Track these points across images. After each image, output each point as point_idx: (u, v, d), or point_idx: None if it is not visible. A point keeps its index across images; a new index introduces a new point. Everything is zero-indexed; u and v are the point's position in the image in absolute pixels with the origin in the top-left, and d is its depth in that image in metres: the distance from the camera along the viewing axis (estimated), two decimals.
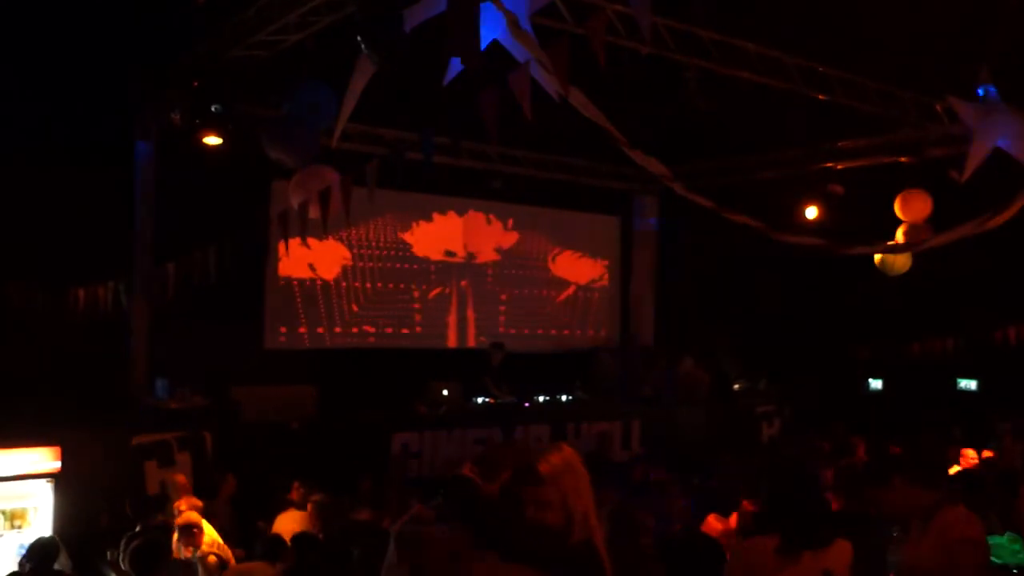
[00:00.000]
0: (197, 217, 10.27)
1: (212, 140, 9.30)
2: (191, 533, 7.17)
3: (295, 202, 7.96)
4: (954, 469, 9.64)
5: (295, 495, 8.38)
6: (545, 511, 2.74)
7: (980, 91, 9.03)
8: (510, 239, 15.26)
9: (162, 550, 6.46)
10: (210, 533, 7.39)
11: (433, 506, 3.33)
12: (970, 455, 9.93)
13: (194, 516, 7.35)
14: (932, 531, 4.28)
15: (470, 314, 14.72)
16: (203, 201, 10.45)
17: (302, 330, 12.89)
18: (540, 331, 15.41)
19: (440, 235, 14.45)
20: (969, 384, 14.35)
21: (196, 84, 9.03)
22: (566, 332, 15.69)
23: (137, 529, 7.22)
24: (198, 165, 9.92)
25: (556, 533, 2.74)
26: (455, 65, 6.18)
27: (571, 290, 15.96)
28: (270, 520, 8.22)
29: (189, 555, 7.09)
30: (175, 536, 7.22)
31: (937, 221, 10.65)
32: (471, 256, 14.78)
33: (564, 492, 2.76)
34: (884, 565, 5.35)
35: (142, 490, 9.11)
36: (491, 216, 15.02)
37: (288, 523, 7.95)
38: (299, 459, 9.58)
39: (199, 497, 8.35)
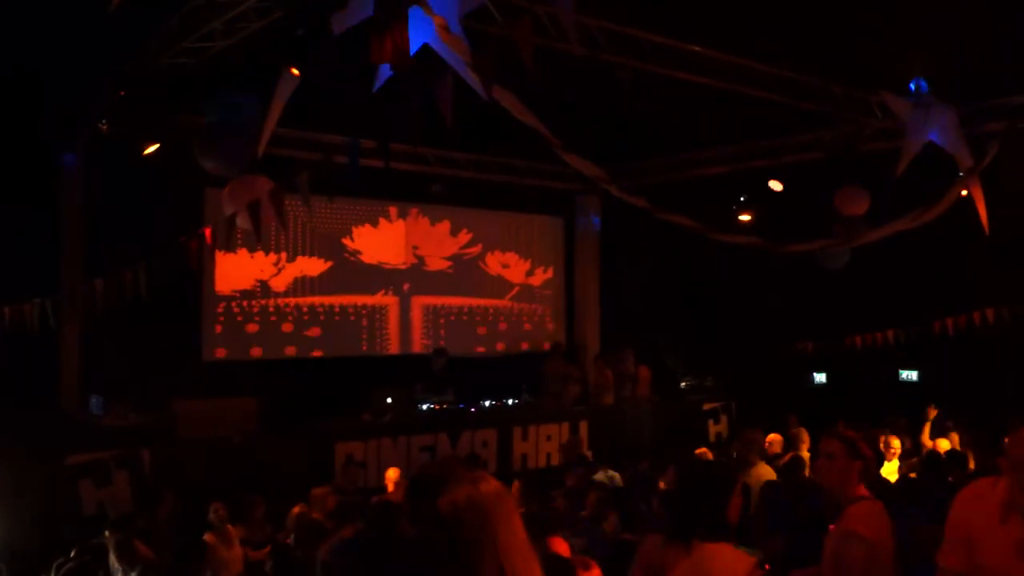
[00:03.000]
0: (128, 229, 10.06)
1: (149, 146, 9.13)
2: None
3: (227, 213, 7.80)
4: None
5: (213, 517, 8.19)
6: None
7: (912, 86, 9.12)
8: (454, 242, 15.16)
9: (94, 573, 6.31)
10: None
11: (354, 532, 3.18)
12: (895, 445, 10.02)
13: None
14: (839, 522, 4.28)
15: (414, 319, 14.61)
16: (134, 212, 10.25)
17: (242, 341, 12.67)
18: (485, 334, 15.33)
19: (383, 240, 14.31)
20: (911, 375, 14.50)
21: (123, 93, 8.84)
22: (512, 335, 15.63)
23: (72, 553, 7.05)
24: (127, 175, 9.72)
25: None
26: (384, 71, 6.10)
27: (516, 292, 15.90)
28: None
29: None
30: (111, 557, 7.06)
31: (877, 215, 10.73)
32: (415, 261, 14.66)
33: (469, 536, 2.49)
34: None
35: (78, 511, 8.92)
36: (434, 220, 14.91)
37: None
38: (241, 473, 9.43)
39: (138, 515, 8.21)
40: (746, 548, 4.06)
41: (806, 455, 9.72)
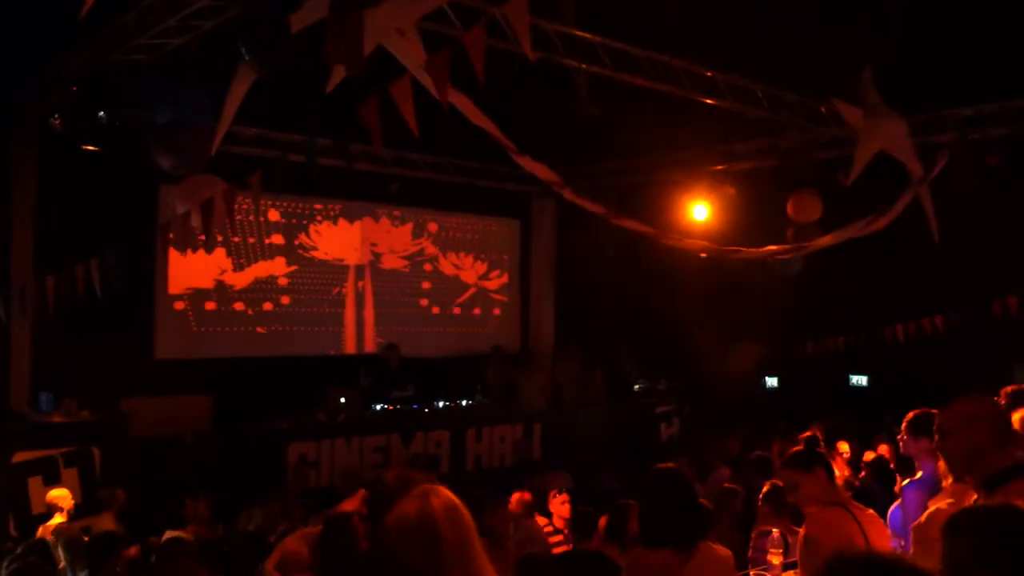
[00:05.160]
0: (81, 225, 9.98)
1: (91, 148, 9.05)
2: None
3: (180, 211, 7.77)
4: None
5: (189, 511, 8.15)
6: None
7: (864, 94, 9.22)
8: (410, 243, 15.15)
9: (40, 572, 6.26)
10: None
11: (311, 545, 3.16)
12: (843, 449, 10.20)
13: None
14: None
15: (368, 319, 14.58)
16: (87, 208, 10.17)
17: (195, 339, 12.58)
18: (440, 335, 15.34)
19: (339, 239, 14.28)
20: (861, 380, 14.70)
21: (75, 88, 8.76)
22: (466, 336, 15.64)
23: (18, 550, 6.99)
24: (81, 171, 9.64)
25: None
26: (340, 71, 6.10)
27: (471, 293, 15.92)
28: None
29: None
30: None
31: (828, 223, 10.86)
32: (370, 260, 14.63)
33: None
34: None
35: (27, 509, 8.83)
36: (391, 220, 14.90)
37: None
38: (193, 472, 9.37)
39: (86, 513, 8.16)
40: None
41: None
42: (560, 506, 8.23)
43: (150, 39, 8.26)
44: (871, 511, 4.51)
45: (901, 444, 5.28)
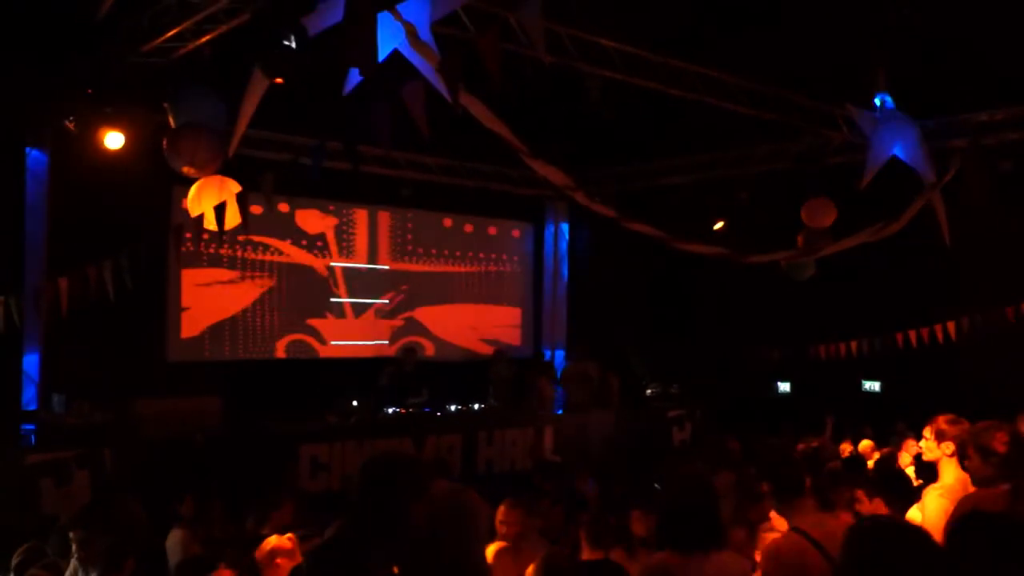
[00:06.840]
0: (94, 227, 10.00)
1: (113, 140, 9.07)
2: None
3: (193, 214, 7.80)
4: None
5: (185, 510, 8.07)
6: None
7: (877, 100, 9.21)
8: (423, 245, 15.16)
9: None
10: None
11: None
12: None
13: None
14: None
15: (381, 321, 14.59)
16: (101, 210, 10.20)
17: (207, 341, 12.62)
18: (452, 338, 15.34)
19: (352, 242, 14.30)
20: (873, 385, 14.64)
21: (90, 91, 8.80)
22: (478, 339, 15.64)
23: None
24: (94, 173, 9.67)
25: None
26: (354, 75, 6.12)
27: (484, 296, 15.91)
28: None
29: None
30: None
31: (840, 228, 10.83)
32: (384, 264, 14.64)
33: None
34: None
35: (38, 510, 8.84)
36: (404, 223, 14.91)
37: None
38: (204, 473, 9.36)
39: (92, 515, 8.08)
40: None
41: None
42: None
43: (165, 42, 8.30)
44: None
45: None
